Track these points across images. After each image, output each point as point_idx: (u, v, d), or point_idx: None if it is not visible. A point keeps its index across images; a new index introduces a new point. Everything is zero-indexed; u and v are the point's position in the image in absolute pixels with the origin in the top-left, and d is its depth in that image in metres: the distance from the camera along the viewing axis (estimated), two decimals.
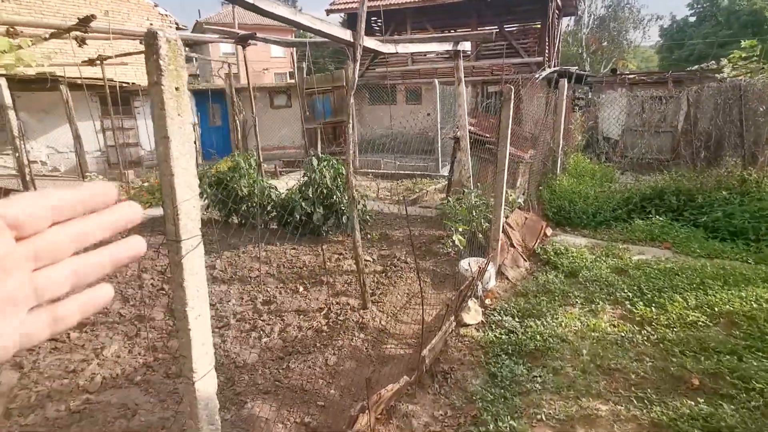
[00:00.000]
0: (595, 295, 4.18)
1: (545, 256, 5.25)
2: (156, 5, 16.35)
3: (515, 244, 5.18)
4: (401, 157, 13.38)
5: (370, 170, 11.34)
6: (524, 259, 5.14)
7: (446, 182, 7.41)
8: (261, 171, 7.67)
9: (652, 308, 3.86)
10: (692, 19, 38.60)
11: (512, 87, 4.20)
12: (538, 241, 5.71)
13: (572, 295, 4.17)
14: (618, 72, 12.62)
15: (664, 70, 16.42)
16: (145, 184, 8.94)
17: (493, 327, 3.65)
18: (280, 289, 4.50)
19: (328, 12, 15.06)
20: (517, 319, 3.76)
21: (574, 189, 7.21)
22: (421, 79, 14.31)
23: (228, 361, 3.22)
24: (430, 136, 11.41)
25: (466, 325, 3.65)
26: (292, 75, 10.61)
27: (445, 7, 14.00)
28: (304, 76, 10.84)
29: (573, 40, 35.37)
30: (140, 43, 7.71)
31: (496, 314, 3.83)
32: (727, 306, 3.81)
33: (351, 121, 3.59)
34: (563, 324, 3.64)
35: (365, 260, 5.05)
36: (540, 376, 2.99)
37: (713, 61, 11.35)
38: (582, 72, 13.43)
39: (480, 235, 5.36)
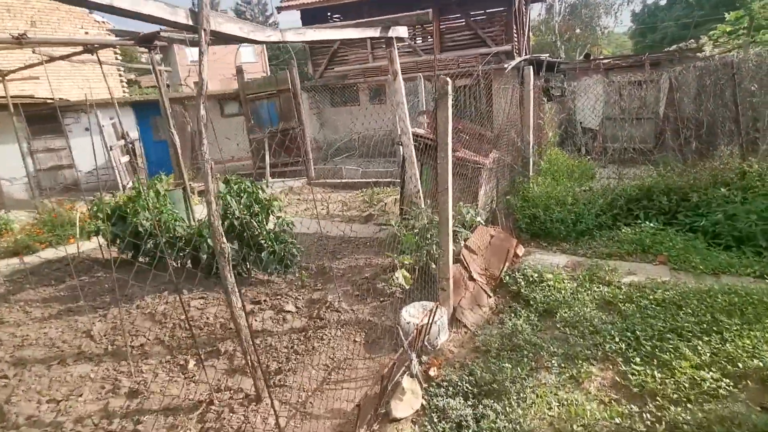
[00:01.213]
0: (578, 349, 3.13)
1: (515, 287, 4.20)
2: (91, 12, 14.97)
3: (476, 276, 4.11)
4: (367, 161, 12.29)
5: (330, 180, 10.23)
6: (488, 294, 4.08)
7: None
8: (187, 195, 6.48)
9: (654, 369, 2.82)
10: (663, 2, 38.30)
11: (448, 79, 3.14)
12: (507, 264, 4.67)
13: (547, 352, 3.11)
14: (592, 57, 11.72)
15: (640, 53, 15.60)
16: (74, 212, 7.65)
17: (435, 419, 2.57)
18: (163, 365, 3.36)
19: (280, 10, 13.87)
20: (470, 402, 2.68)
21: (550, 193, 6.20)
22: (382, 77, 13.22)
23: None
24: (395, 137, 10.36)
25: (397, 420, 2.57)
26: (265, 80, 9.41)
27: None
28: (245, 79, 9.63)
29: (546, 29, 34.72)
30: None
31: (441, 394, 2.75)
32: (754, 359, 2.79)
33: (201, 135, 2.46)
34: (534, 407, 2.58)
35: (285, 312, 3.94)
36: None
37: (692, 40, 10.50)
38: (553, 59, 12.51)
39: (434, 265, 4.29)
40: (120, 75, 14.93)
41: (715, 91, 5.50)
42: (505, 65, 11.58)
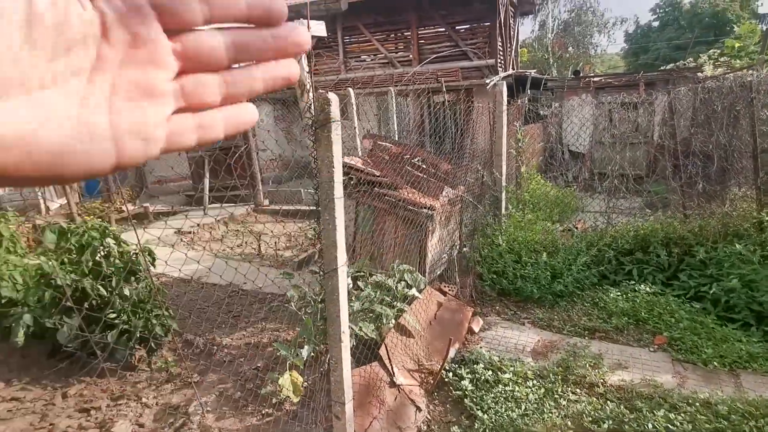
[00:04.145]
0: None
1: (458, 390, 2.99)
2: None
3: (400, 380, 2.89)
4: None
5: (283, 206, 9.01)
6: (418, 407, 2.85)
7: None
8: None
9: None
10: (656, 24, 38.06)
11: (332, 96, 1.97)
12: (457, 347, 3.46)
13: None
14: (582, 75, 10.73)
15: (633, 71, 14.69)
16: None
17: None
18: None
19: None
20: None
21: (524, 239, 5.05)
22: (355, 90, 12.14)
23: None
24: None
25: None
26: None
27: (379, 3, 11.90)
28: None
29: (539, 46, 34.18)
30: None
31: None
32: None
33: None
34: None
35: None
36: None
37: (690, 59, 9.51)
38: (540, 76, 11.52)
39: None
40: None
41: (728, 119, 4.40)
42: (487, 81, 10.56)
